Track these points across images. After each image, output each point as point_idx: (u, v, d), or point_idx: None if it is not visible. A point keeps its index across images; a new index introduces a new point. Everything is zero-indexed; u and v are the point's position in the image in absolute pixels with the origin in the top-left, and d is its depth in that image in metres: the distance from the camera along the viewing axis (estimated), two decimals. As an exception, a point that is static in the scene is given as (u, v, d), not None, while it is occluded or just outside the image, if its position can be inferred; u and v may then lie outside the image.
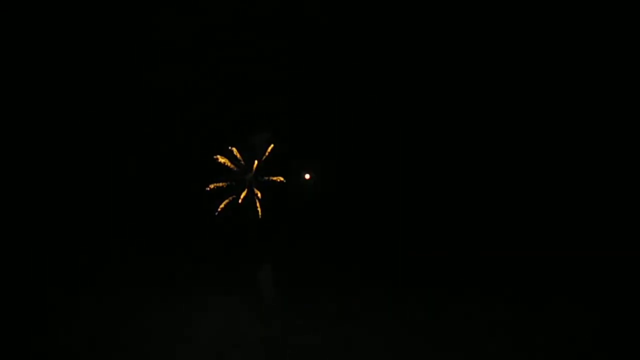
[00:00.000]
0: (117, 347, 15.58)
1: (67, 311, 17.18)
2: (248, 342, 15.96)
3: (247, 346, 15.79)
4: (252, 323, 16.96)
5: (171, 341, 15.82)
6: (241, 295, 18.46)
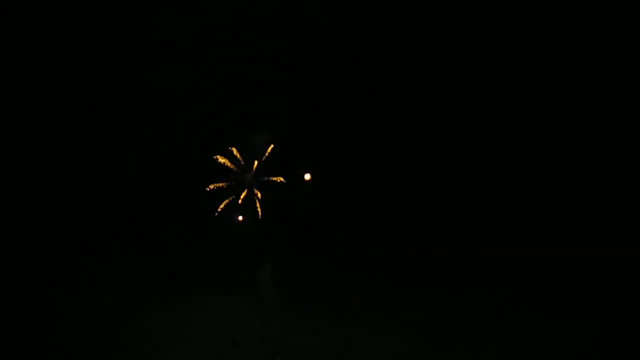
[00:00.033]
0: (117, 347, 15.59)
1: (67, 311, 17.18)
2: (248, 342, 15.97)
3: (247, 346, 15.80)
4: (252, 323, 16.97)
5: (171, 341, 15.84)
6: (241, 295, 18.45)
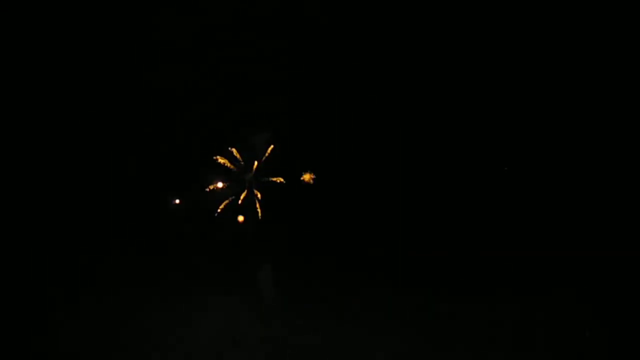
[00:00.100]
0: (117, 347, 15.57)
1: (67, 311, 17.16)
2: (248, 342, 15.94)
3: (247, 346, 15.78)
4: (252, 323, 16.94)
5: (171, 341, 15.81)
6: (241, 295, 18.43)
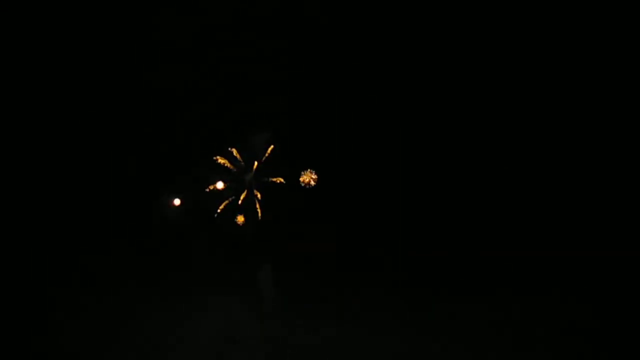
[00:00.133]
0: (117, 347, 15.56)
1: (67, 311, 17.16)
2: (248, 342, 15.93)
3: (247, 346, 15.77)
4: (252, 323, 16.94)
5: (171, 341, 15.80)
6: (241, 295, 18.44)
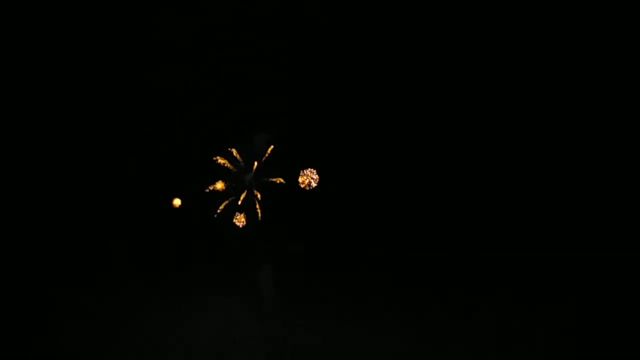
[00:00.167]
0: (117, 347, 15.58)
1: (67, 311, 17.17)
2: (248, 342, 15.95)
3: (247, 346, 15.79)
4: (252, 323, 16.96)
5: (171, 341, 15.83)
6: (241, 295, 18.45)
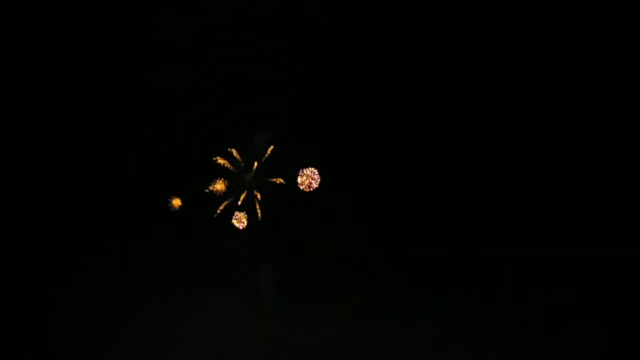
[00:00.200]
0: (117, 347, 15.58)
1: (67, 311, 17.18)
2: (248, 342, 15.96)
3: (247, 346, 15.80)
4: (252, 323, 16.97)
5: (171, 341, 15.83)
6: (241, 295, 18.45)
